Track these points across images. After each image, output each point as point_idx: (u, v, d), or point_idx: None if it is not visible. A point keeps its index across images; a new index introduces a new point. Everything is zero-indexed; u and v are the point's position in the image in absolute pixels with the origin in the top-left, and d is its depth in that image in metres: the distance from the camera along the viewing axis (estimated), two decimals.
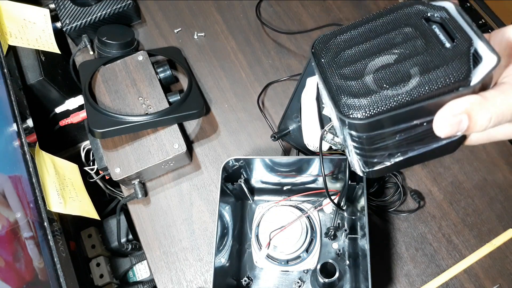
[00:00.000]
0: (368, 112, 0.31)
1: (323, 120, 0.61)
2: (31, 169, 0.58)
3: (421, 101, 0.30)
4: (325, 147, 0.62)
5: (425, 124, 0.31)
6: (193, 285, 0.63)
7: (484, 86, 0.31)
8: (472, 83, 0.30)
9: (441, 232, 0.63)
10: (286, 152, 0.69)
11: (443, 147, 0.35)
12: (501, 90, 0.30)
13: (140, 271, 0.76)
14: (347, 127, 0.32)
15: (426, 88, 0.30)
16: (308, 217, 0.61)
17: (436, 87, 0.30)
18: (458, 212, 0.64)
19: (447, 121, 0.29)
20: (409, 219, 0.64)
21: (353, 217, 0.61)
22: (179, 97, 0.69)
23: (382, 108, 0.30)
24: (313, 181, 0.62)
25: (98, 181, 0.74)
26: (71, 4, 0.76)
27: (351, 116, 0.31)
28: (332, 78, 0.34)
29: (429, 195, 0.65)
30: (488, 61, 0.30)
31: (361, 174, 0.38)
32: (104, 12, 0.75)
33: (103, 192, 0.79)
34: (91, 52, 0.78)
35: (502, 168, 0.66)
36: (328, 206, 0.62)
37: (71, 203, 0.62)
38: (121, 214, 0.69)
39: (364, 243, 0.54)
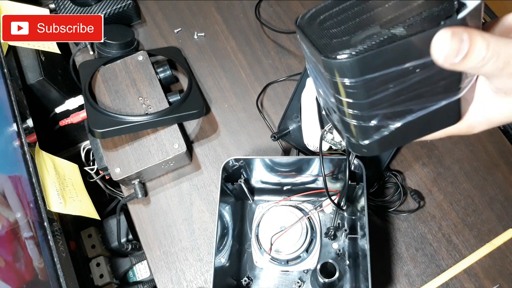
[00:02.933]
0: (356, 49, 0.29)
1: (323, 120, 0.61)
2: (31, 169, 0.58)
3: (407, 36, 0.29)
4: (325, 147, 0.62)
5: (418, 70, 0.30)
6: (193, 285, 0.63)
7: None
8: (458, 17, 0.29)
9: (441, 232, 0.63)
10: (286, 152, 0.69)
11: (443, 113, 0.33)
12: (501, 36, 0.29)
13: (140, 271, 0.76)
14: (338, 75, 0.31)
15: (410, 21, 0.28)
16: (308, 217, 0.61)
17: (419, 20, 0.28)
18: (458, 212, 0.64)
19: (448, 39, 0.27)
20: (409, 219, 0.64)
21: (353, 217, 0.61)
22: (179, 97, 0.69)
23: (369, 43, 0.29)
24: (313, 181, 0.62)
25: (98, 181, 0.74)
26: (71, 4, 0.76)
27: (338, 57, 0.30)
28: (318, 36, 0.33)
29: (429, 195, 0.65)
30: (471, 3, 0.29)
31: (359, 152, 0.36)
32: (104, 12, 0.75)
33: (103, 192, 0.79)
34: (91, 52, 0.78)
35: (502, 168, 0.66)
36: (328, 206, 0.62)
37: (71, 203, 0.62)
38: (121, 214, 0.69)
39: (364, 243, 0.54)
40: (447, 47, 0.27)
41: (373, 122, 0.33)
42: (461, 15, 0.29)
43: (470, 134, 0.35)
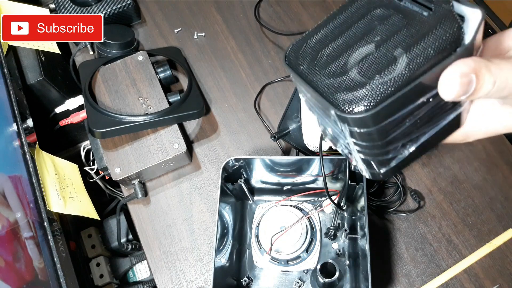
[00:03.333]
0: (372, 101, 0.28)
1: None
2: (31, 169, 0.58)
3: (420, 75, 0.28)
4: (325, 147, 0.62)
5: (431, 99, 0.30)
6: (193, 285, 0.63)
7: (476, 48, 0.29)
8: (466, 42, 0.28)
9: (441, 232, 0.63)
10: (286, 152, 0.69)
11: (450, 123, 0.33)
12: (505, 58, 0.28)
13: (140, 271, 0.76)
14: (354, 126, 0.30)
15: (420, 60, 0.28)
16: (308, 217, 0.61)
17: (429, 56, 0.28)
18: (458, 212, 0.64)
19: (456, 81, 0.27)
20: (409, 219, 0.64)
21: (353, 217, 0.61)
22: (179, 97, 0.69)
23: (384, 93, 0.28)
24: (313, 181, 0.62)
25: (98, 181, 0.74)
26: (71, 4, 0.76)
27: (355, 111, 0.29)
28: (319, 80, 0.31)
29: (429, 195, 0.65)
30: (472, 17, 0.28)
31: (378, 178, 0.36)
32: (104, 12, 0.75)
33: (103, 192, 0.79)
34: (91, 52, 0.78)
35: (502, 168, 0.66)
36: (328, 206, 0.62)
37: (71, 203, 0.62)
38: (121, 214, 0.69)
39: (364, 243, 0.54)
40: (456, 88, 0.27)
41: (390, 155, 0.33)
42: (467, 39, 0.28)
43: (464, 142, 0.35)
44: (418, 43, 0.28)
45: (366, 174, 0.36)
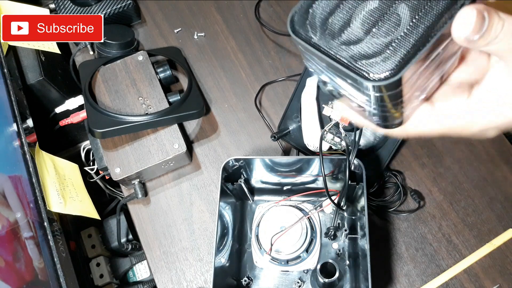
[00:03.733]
0: (399, 63, 0.28)
1: (323, 120, 0.61)
2: (31, 169, 0.58)
3: (437, 28, 0.28)
4: (325, 147, 0.62)
5: (443, 47, 0.30)
6: (193, 285, 0.63)
7: None
8: None
9: (441, 232, 0.63)
10: (285, 152, 0.69)
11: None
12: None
13: (140, 271, 0.76)
14: (383, 91, 0.30)
15: (434, 13, 0.28)
16: (308, 217, 0.61)
17: (442, 7, 0.28)
18: (458, 212, 0.64)
19: (473, 17, 0.27)
20: (409, 219, 0.64)
21: (353, 217, 0.61)
22: (179, 97, 0.69)
23: (408, 53, 0.29)
24: (313, 181, 0.62)
25: (98, 181, 0.74)
26: (71, 4, 0.76)
27: (383, 77, 0.29)
28: (338, 51, 0.30)
29: (429, 195, 0.65)
30: None
31: (391, 128, 0.36)
32: (104, 12, 0.75)
33: (103, 192, 0.79)
34: (91, 52, 0.78)
35: (502, 168, 0.66)
36: (328, 206, 0.62)
37: (71, 203, 0.62)
38: (121, 214, 0.69)
39: (364, 243, 0.54)
40: (471, 26, 0.27)
41: (410, 105, 0.33)
42: None
43: (402, 136, 0.35)
44: None
45: (379, 128, 0.36)
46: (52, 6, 0.78)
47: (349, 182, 0.56)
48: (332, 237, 0.60)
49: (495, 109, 0.31)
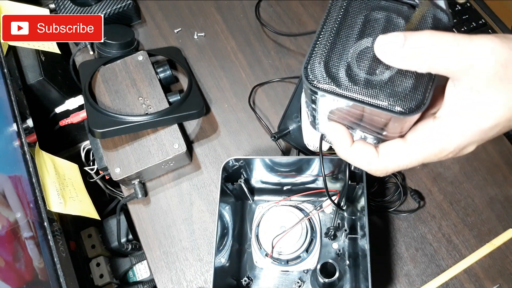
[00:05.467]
0: (423, 93, 0.32)
1: None
2: (31, 169, 0.58)
3: None
4: (325, 147, 0.62)
5: None
6: (193, 285, 0.63)
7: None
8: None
9: (441, 232, 0.63)
10: (284, 153, 0.69)
11: None
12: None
13: (140, 271, 0.76)
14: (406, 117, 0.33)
15: None
16: (308, 218, 0.61)
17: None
18: (458, 212, 0.64)
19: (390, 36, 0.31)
20: (409, 219, 0.64)
21: (353, 217, 0.61)
22: (179, 97, 0.69)
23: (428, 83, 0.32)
24: (313, 181, 0.62)
25: (98, 181, 0.74)
26: (71, 4, 0.76)
27: (414, 108, 0.31)
28: (365, 93, 0.33)
29: (429, 195, 0.65)
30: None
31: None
32: (104, 12, 0.75)
33: (103, 192, 0.79)
34: (91, 52, 0.78)
35: (502, 168, 0.66)
36: (328, 206, 0.62)
37: (71, 203, 0.62)
38: (121, 214, 0.69)
39: (364, 243, 0.54)
40: (385, 38, 0.31)
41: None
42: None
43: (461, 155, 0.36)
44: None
45: (364, 166, 0.38)
46: (52, 6, 0.78)
47: (349, 182, 0.56)
48: (332, 237, 0.60)
49: (462, 128, 0.32)
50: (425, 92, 0.32)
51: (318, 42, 0.34)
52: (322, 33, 0.34)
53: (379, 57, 0.31)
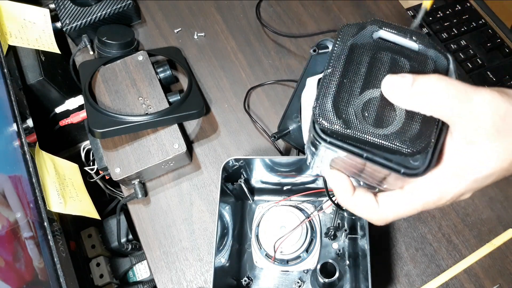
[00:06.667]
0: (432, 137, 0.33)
1: None
2: (31, 169, 0.58)
3: None
4: None
5: None
6: (193, 285, 0.63)
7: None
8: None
9: (441, 232, 0.63)
10: (282, 153, 0.69)
11: None
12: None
13: (140, 271, 0.76)
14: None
15: None
16: (307, 216, 0.61)
17: None
18: (458, 212, 0.64)
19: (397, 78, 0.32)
20: (409, 219, 0.64)
21: (353, 217, 0.61)
22: (179, 97, 0.69)
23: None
24: (313, 181, 0.62)
25: (98, 181, 0.74)
26: (71, 4, 0.76)
27: (423, 149, 0.32)
28: (376, 140, 0.32)
29: None
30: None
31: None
32: (104, 12, 0.75)
33: (103, 192, 0.79)
34: (91, 52, 0.78)
35: None
36: (328, 207, 0.62)
37: (71, 203, 0.62)
38: (121, 214, 0.69)
39: (364, 243, 0.54)
40: (394, 79, 0.32)
41: None
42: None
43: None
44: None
45: (364, 214, 0.39)
46: (52, 6, 0.78)
47: None
48: (332, 237, 0.60)
49: (459, 178, 0.33)
50: (433, 154, 0.32)
51: (324, 90, 0.34)
52: (328, 78, 0.34)
53: (386, 95, 0.32)
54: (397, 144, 0.32)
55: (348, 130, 0.32)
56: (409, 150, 0.32)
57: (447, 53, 0.34)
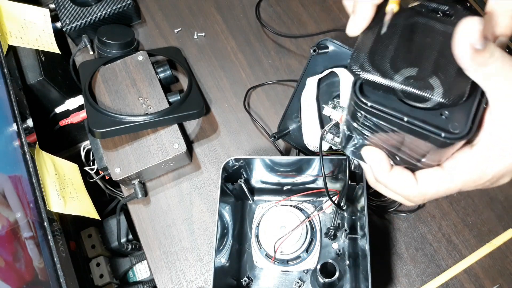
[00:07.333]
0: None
1: (323, 120, 0.61)
2: (31, 169, 0.58)
3: None
4: (325, 147, 0.62)
5: None
6: (193, 285, 0.63)
7: None
8: None
9: (441, 232, 0.63)
10: (282, 153, 0.69)
11: None
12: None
13: (140, 271, 0.76)
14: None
15: None
16: (307, 217, 0.61)
17: None
18: (458, 212, 0.64)
19: (477, 25, 0.28)
20: (409, 219, 0.64)
21: (353, 217, 0.61)
22: (179, 97, 0.69)
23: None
24: (313, 181, 0.62)
25: (98, 181, 0.74)
26: (71, 4, 0.76)
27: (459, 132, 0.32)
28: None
29: None
30: None
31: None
32: (104, 12, 0.75)
33: (103, 192, 0.79)
34: (91, 52, 0.78)
35: None
36: (328, 207, 0.62)
37: (71, 203, 0.62)
38: (121, 214, 0.69)
39: (364, 243, 0.54)
40: (477, 30, 0.28)
41: None
42: None
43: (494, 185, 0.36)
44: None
45: (405, 202, 0.40)
46: (52, 6, 0.78)
47: (349, 182, 0.56)
48: (332, 237, 0.60)
49: (501, 156, 0.32)
50: (473, 121, 0.32)
51: (360, 44, 0.34)
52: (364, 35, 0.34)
53: (456, 44, 0.30)
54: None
55: (384, 80, 0.32)
56: (444, 98, 0.31)
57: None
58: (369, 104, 0.33)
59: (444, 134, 0.31)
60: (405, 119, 0.32)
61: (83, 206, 0.65)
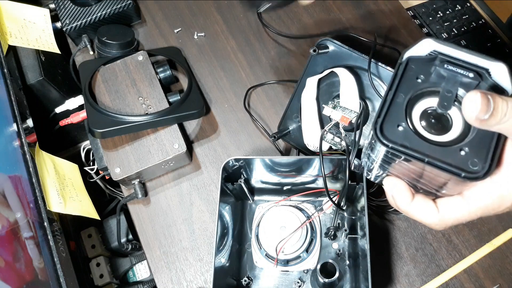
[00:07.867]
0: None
1: (323, 120, 0.61)
2: (31, 169, 0.58)
3: None
4: (325, 147, 0.62)
5: None
6: (193, 285, 0.63)
7: None
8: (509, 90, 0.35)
9: (441, 232, 0.63)
10: (282, 153, 0.69)
11: None
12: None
13: (140, 271, 0.76)
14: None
15: None
16: (308, 218, 0.61)
17: None
18: None
19: (479, 98, 0.31)
20: (409, 219, 0.64)
21: (353, 217, 0.61)
22: (179, 97, 0.69)
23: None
24: (313, 181, 0.62)
25: (98, 181, 0.74)
26: (71, 4, 0.76)
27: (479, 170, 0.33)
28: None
29: None
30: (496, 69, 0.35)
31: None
32: (104, 12, 0.75)
33: (103, 192, 0.79)
34: (91, 52, 0.78)
35: None
36: (328, 208, 0.62)
37: (71, 203, 0.62)
38: (121, 214, 0.69)
39: (364, 243, 0.54)
40: (479, 106, 0.31)
41: None
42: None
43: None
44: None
45: (426, 221, 0.40)
46: (52, 6, 0.78)
47: (349, 182, 0.56)
48: (332, 237, 0.60)
49: None
50: (492, 159, 0.33)
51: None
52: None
53: (467, 114, 0.32)
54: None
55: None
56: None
57: (500, 61, 0.35)
58: (390, 145, 0.34)
59: (464, 174, 0.33)
60: (426, 160, 0.33)
61: (83, 206, 0.65)
